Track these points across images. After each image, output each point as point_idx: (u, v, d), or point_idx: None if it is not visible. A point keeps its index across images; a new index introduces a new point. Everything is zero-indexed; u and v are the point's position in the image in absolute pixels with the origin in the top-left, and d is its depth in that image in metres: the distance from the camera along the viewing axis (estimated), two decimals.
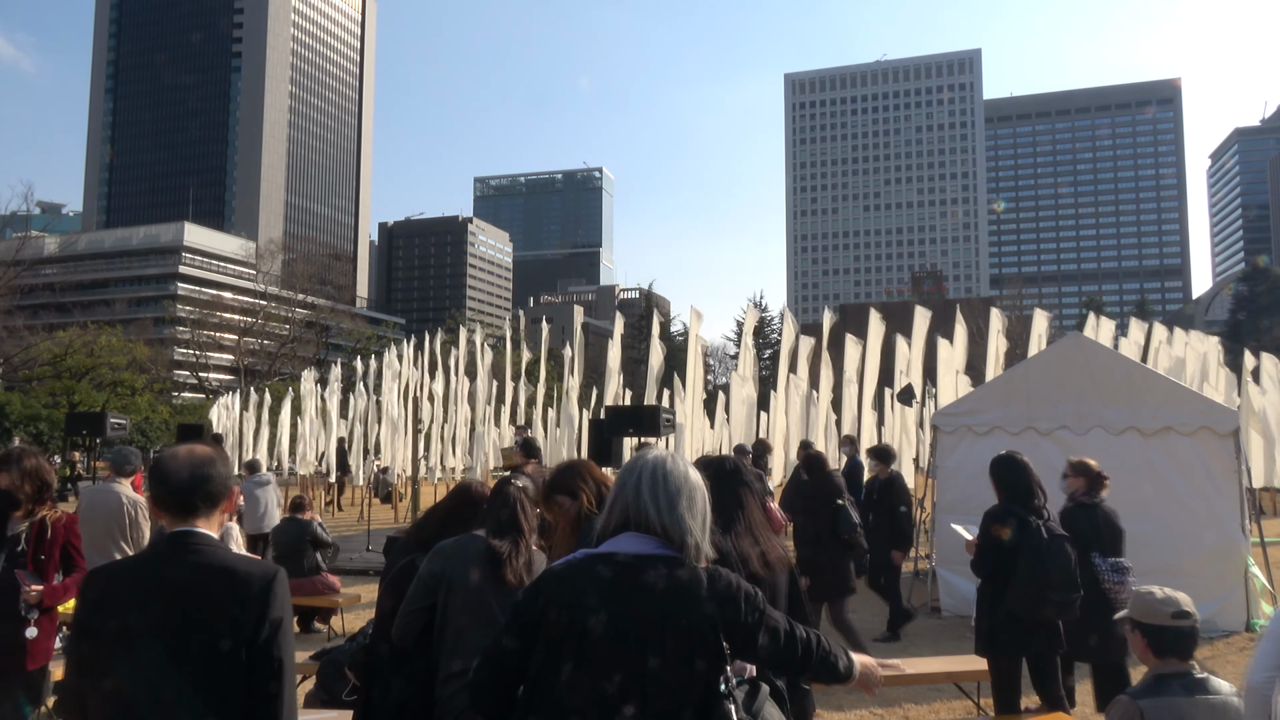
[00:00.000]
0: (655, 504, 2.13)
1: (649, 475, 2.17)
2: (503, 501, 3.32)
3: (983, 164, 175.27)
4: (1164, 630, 3.02)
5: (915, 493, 14.39)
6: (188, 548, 2.16)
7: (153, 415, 47.16)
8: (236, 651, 2.04)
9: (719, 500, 3.54)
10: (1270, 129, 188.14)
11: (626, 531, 2.14)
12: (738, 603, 2.09)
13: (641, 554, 2.09)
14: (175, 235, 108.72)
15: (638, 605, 2.03)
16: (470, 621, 3.09)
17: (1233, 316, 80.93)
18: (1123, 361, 9.86)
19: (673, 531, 2.11)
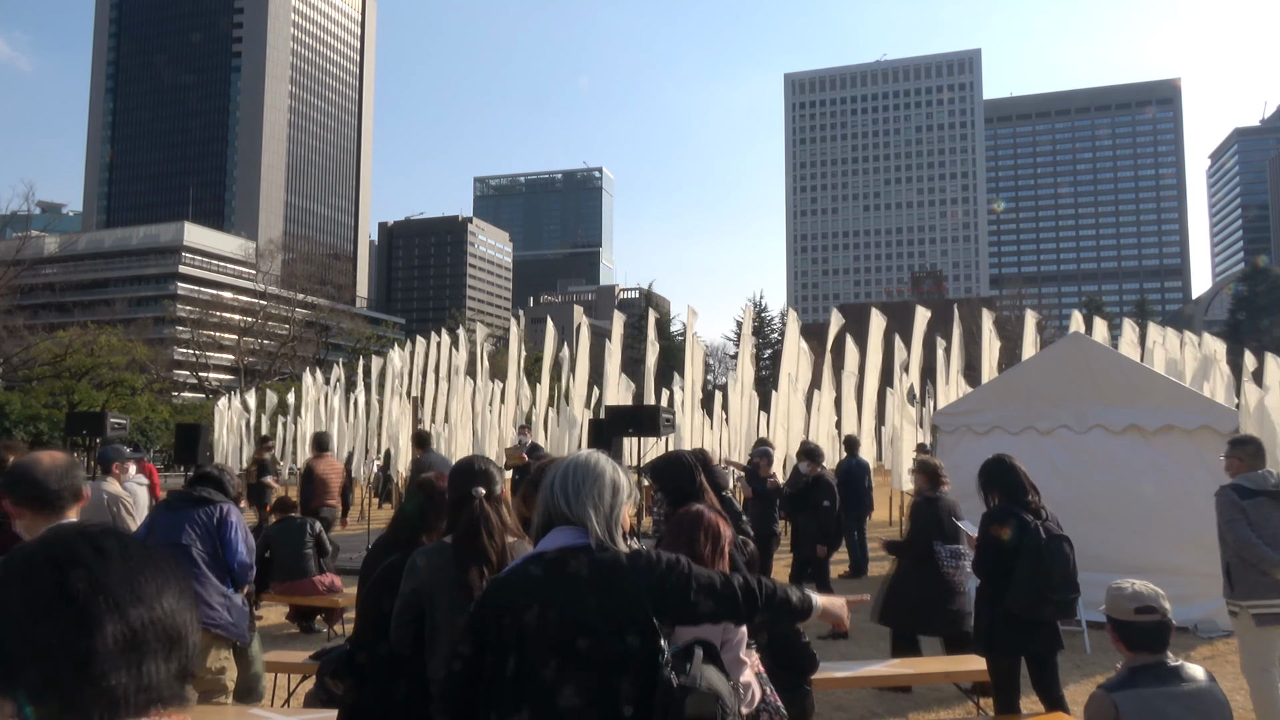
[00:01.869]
0: (566, 498, 2.31)
1: (561, 473, 2.37)
2: (467, 518, 3.15)
3: (982, 164, 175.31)
4: (1131, 625, 3.07)
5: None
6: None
7: (153, 415, 47.16)
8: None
9: (681, 489, 3.92)
10: (1270, 129, 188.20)
11: (553, 528, 2.32)
12: (659, 574, 2.22)
13: (564, 546, 2.25)
14: (175, 235, 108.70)
15: (564, 594, 2.18)
16: (457, 633, 3.08)
17: (1232, 316, 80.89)
18: (1123, 361, 9.85)
19: (590, 522, 2.27)
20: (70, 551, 0.98)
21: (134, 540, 1.03)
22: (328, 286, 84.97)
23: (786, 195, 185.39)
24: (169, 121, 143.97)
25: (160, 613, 0.97)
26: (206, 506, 5.03)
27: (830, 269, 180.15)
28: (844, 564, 12.54)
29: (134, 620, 0.94)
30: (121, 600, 0.94)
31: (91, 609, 0.93)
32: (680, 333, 71.79)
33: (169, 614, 0.98)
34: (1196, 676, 3.05)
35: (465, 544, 3.12)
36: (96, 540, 1.00)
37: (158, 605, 0.97)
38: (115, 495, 6.15)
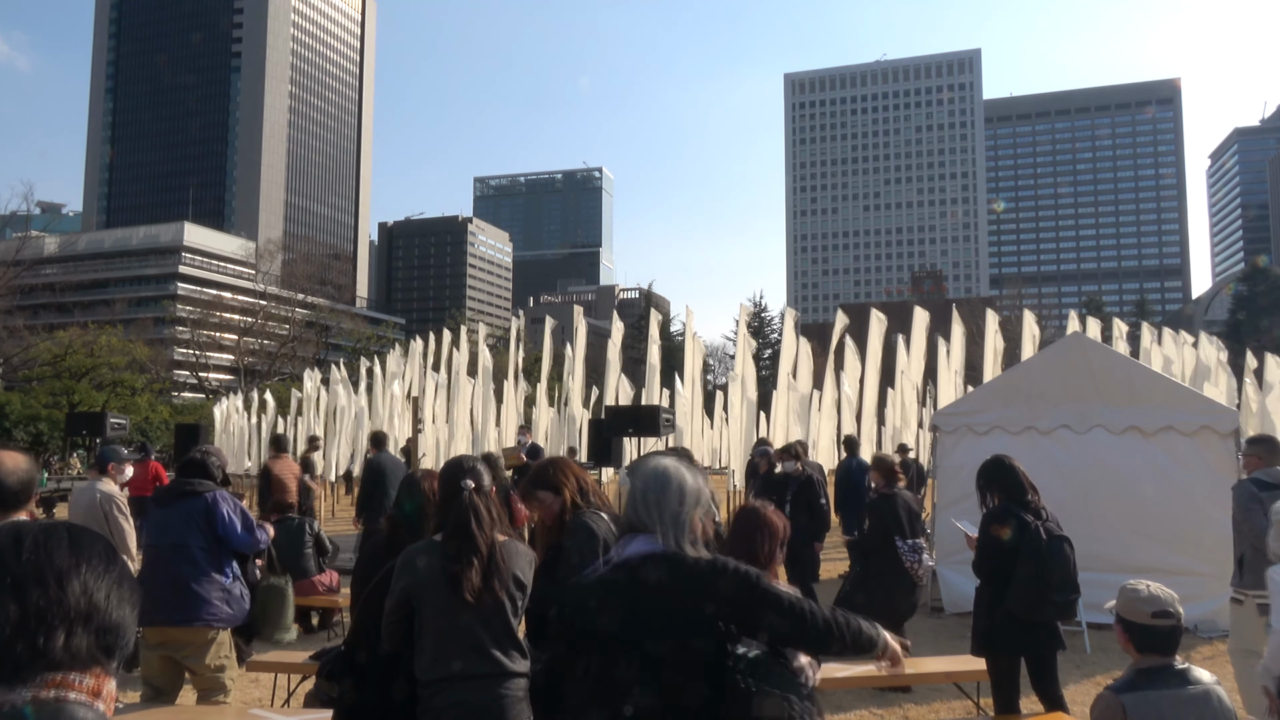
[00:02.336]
0: (642, 507, 2.45)
1: (639, 481, 2.52)
2: (456, 513, 3.17)
3: (982, 164, 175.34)
4: (1145, 628, 3.07)
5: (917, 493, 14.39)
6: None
7: (153, 415, 47.15)
8: None
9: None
10: (1270, 129, 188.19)
11: (632, 534, 2.46)
12: (729, 585, 2.32)
13: (641, 553, 2.38)
14: (175, 235, 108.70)
15: (636, 600, 2.32)
16: (445, 629, 3.09)
17: (1232, 316, 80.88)
18: (1123, 361, 9.86)
19: (658, 529, 2.41)
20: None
21: (58, 527, 1.17)
22: (328, 287, 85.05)
23: (786, 195, 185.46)
24: (169, 121, 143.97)
25: (65, 593, 1.10)
26: (191, 499, 5.01)
27: (830, 269, 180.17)
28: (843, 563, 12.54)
29: (33, 600, 1.08)
30: (22, 584, 1.09)
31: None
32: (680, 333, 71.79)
33: (77, 593, 1.11)
34: (1203, 680, 3.03)
35: (455, 538, 3.12)
36: (18, 532, 1.15)
37: (63, 586, 1.11)
38: (109, 495, 6.18)
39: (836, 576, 12.12)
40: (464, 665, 3.03)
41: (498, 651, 3.05)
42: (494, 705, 3.01)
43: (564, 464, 3.84)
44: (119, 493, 6.28)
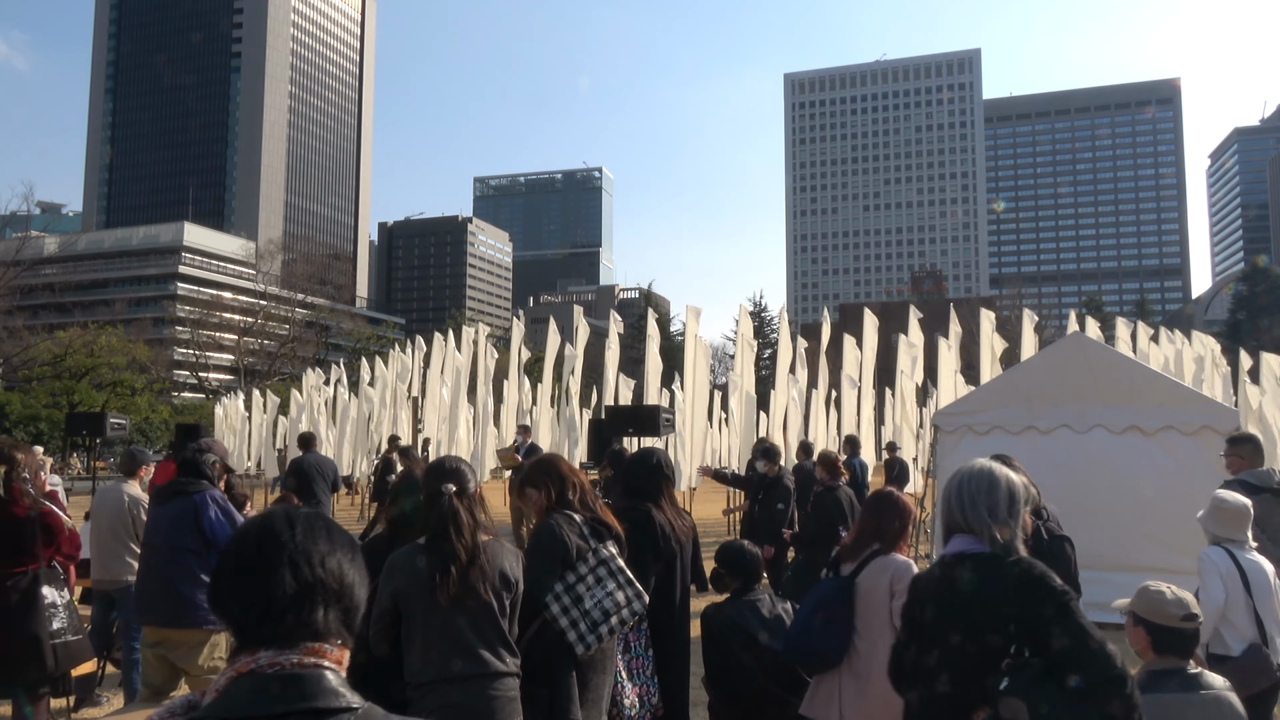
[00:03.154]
0: (960, 509, 2.60)
1: (958, 484, 2.65)
2: (436, 515, 3.16)
3: (982, 164, 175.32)
4: (1170, 630, 3.06)
5: (916, 493, 14.39)
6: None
7: (153, 415, 47.17)
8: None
9: (648, 486, 4.38)
10: (1270, 128, 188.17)
11: (954, 535, 2.62)
12: (1032, 595, 2.43)
13: (957, 551, 2.58)
14: (175, 235, 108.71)
15: (949, 596, 2.53)
16: (433, 631, 3.08)
17: (1232, 316, 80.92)
18: (1123, 361, 9.85)
19: (978, 530, 2.56)
20: (269, 528, 1.34)
21: (319, 517, 1.37)
22: (327, 287, 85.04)
23: (786, 195, 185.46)
24: (169, 121, 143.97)
25: (325, 572, 1.31)
26: (183, 499, 4.99)
27: (830, 269, 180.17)
28: None
29: (304, 577, 1.29)
30: (297, 562, 1.30)
31: (275, 568, 1.29)
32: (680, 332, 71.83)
33: (333, 573, 1.32)
34: (1215, 685, 3.02)
35: (435, 542, 3.11)
36: (291, 517, 1.35)
37: (324, 566, 1.31)
38: (136, 498, 6.19)
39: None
40: (454, 666, 3.03)
41: (487, 652, 3.05)
42: (485, 706, 3.01)
43: (547, 463, 3.84)
44: (144, 496, 6.27)
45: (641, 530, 4.36)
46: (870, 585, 3.65)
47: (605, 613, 3.46)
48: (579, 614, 3.42)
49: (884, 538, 3.73)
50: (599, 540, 3.64)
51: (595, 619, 3.44)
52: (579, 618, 3.42)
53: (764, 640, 3.98)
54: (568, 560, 3.52)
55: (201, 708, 1.26)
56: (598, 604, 3.46)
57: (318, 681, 1.24)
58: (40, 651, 4.47)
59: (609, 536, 3.69)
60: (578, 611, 3.43)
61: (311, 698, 1.22)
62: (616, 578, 3.57)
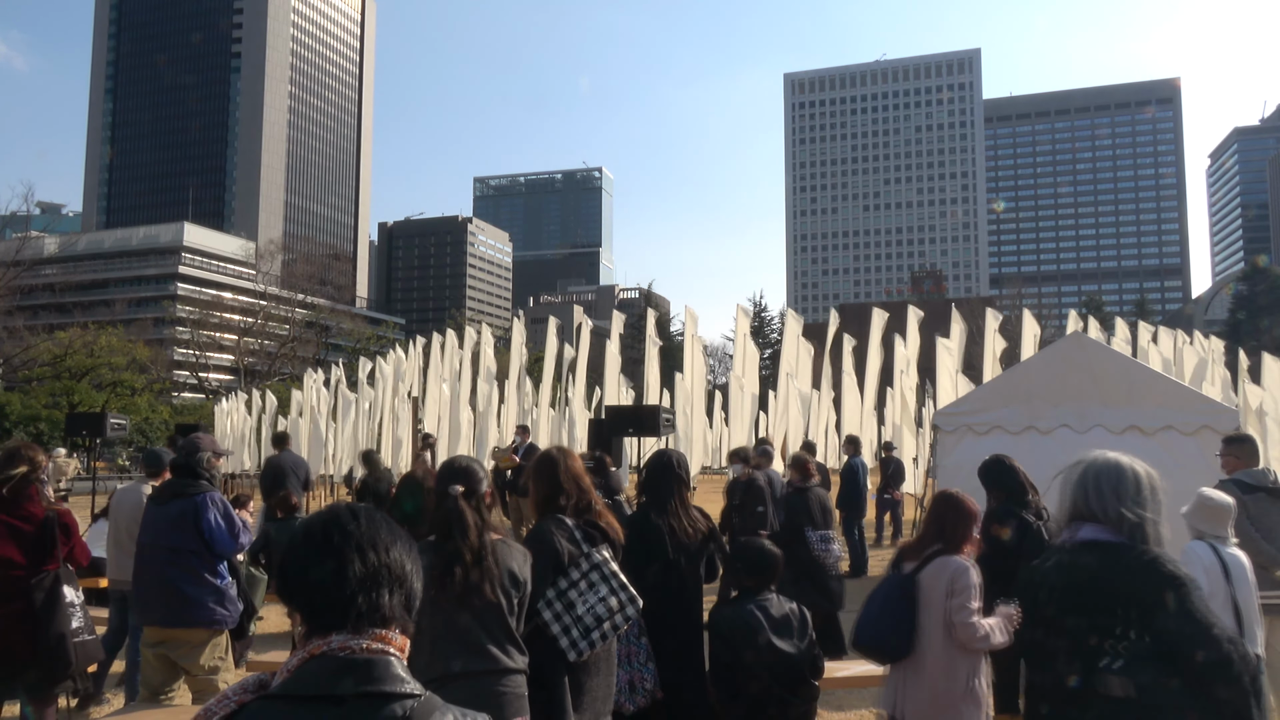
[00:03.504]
0: (1095, 497, 2.76)
1: (1094, 475, 2.86)
2: (441, 515, 3.19)
3: (982, 164, 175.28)
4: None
5: (916, 493, 14.41)
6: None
7: (153, 415, 47.12)
8: None
9: (661, 485, 4.53)
10: (1270, 128, 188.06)
11: (1077, 521, 2.77)
12: (1151, 581, 2.53)
13: (1085, 539, 2.70)
14: (175, 235, 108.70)
15: (1070, 579, 2.65)
16: (441, 629, 3.11)
17: (1232, 316, 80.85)
18: (1123, 361, 9.85)
19: (1109, 518, 2.70)
20: (335, 518, 1.42)
21: (376, 510, 1.45)
22: (327, 287, 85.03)
23: (786, 195, 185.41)
24: (169, 122, 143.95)
25: (389, 559, 1.39)
26: (181, 500, 4.98)
27: (830, 269, 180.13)
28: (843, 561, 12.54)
29: (370, 563, 1.37)
30: (364, 550, 1.37)
31: (344, 556, 1.37)
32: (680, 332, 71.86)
33: (396, 561, 1.40)
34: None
35: (439, 542, 3.14)
36: (354, 510, 1.44)
37: (388, 554, 1.39)
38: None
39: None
40: (461, 664, 3.05)
41: (495, 648, 3.08)
42: (491, 702, 3.02)
43: (543, 463, 3.83)
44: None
45: (636, 533, 4.39)
46: (930, 584, 3.86)
47: (598, 618, 3.46)
48: (571, 620, 3.43)
49: (947, 539, 3.95)
50: (592, 544, 3.63)
51: (588, 625, 3.44)
52: (571, 624, 3.43)
53: (771, 640, 3.99)
54: (559, 566, 3.52)
55: (273, 687, 1.33)
56: (590, 609, 3.46)
57: (386, 667, 1.31)
58: (66, 649, 4.52)
59: (602, 540, 3.67)
60: (570, 618, 3.43)
61: (379, 681, 1.29)
62: (609, 582, 3.56)
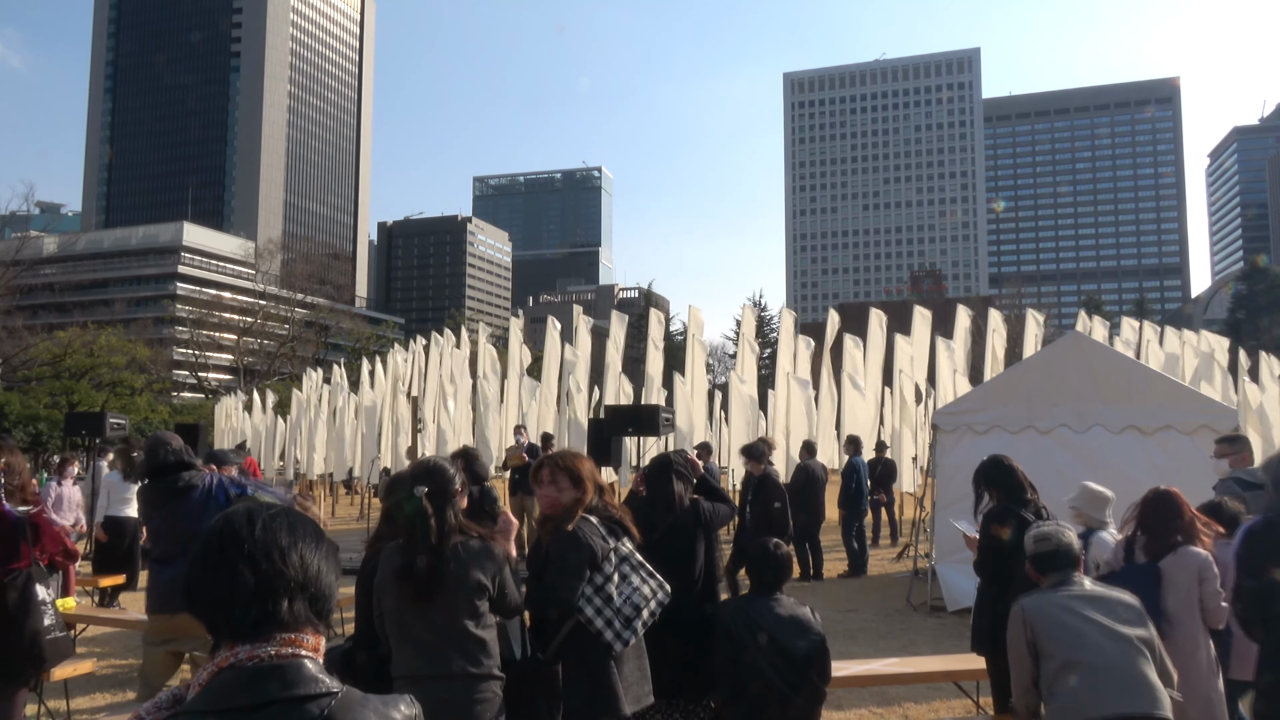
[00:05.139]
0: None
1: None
2: (404, 517, 3.20)
3: (981, 163, 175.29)
4: (1034, 556, 3.73)
5: (916, 492, 14.42)
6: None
7: (152, 415, 47.08)
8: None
9: (661, 478, 4.83)
10: (1269, 128, 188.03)
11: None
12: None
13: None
14: (174, 235, 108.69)
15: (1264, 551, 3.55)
16: (403, 630, 3.15)
17: (1231, 315, 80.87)
18: (1122, 360, 9.87)
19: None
20: (229, 528, 1.39)
21: (282, 512, 1.41)
22: (327, 286, 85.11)
23: (786, 194, 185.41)
24: (168, 121, 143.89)
25: (287, 564, 1.36)
26: (194, 490, 4.98)
27: (830, 268, 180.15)
28: (843, 562, 12.56)
29: (265, 572, 1.34)
30: (257, 559, 1.35)
31: (236, 567, 1.34)
32: (680, 332, 71.88)
33: (296, 565, 1.37)
34: (1101, 585, 3.67)
35: (403, 544, 3.18)
36: (251, 515, 1.40)
37: (285, 559, 1.36)
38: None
39: (836, 576, 12.14)
40: (423, 665, 3.09)
41: (455, 652, 3.09)
42: (453, 706, 3.04)
43: (581, 464, 3.87)
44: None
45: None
46: (1174, 572, 4.29)
47: (636, 607, 3.61)
48: (612, 613, 3.56)
49: (1182, 532, 4.40)
50: (616, 539, 3.73)
51: (628, 615, 3.59)
52: (612, 616, 3.56)
53: (773, 639, 4.01)
54: (594, 563, 3.61)
55: (186, 703, 1.32)
56: (627, 600, 3.61)
57: (297, 670, 1.30)
58: (40, 647, 4.53)
59: (624, 534, 3.78)
60: (610, 611, 3.56)
61: (292, 686, 1.28)
62: (639, 572, 3.72)
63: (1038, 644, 3.52)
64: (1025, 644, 3.55)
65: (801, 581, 11.13)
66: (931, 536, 10.10)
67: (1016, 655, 3.62)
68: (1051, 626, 3.50)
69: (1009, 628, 3.65)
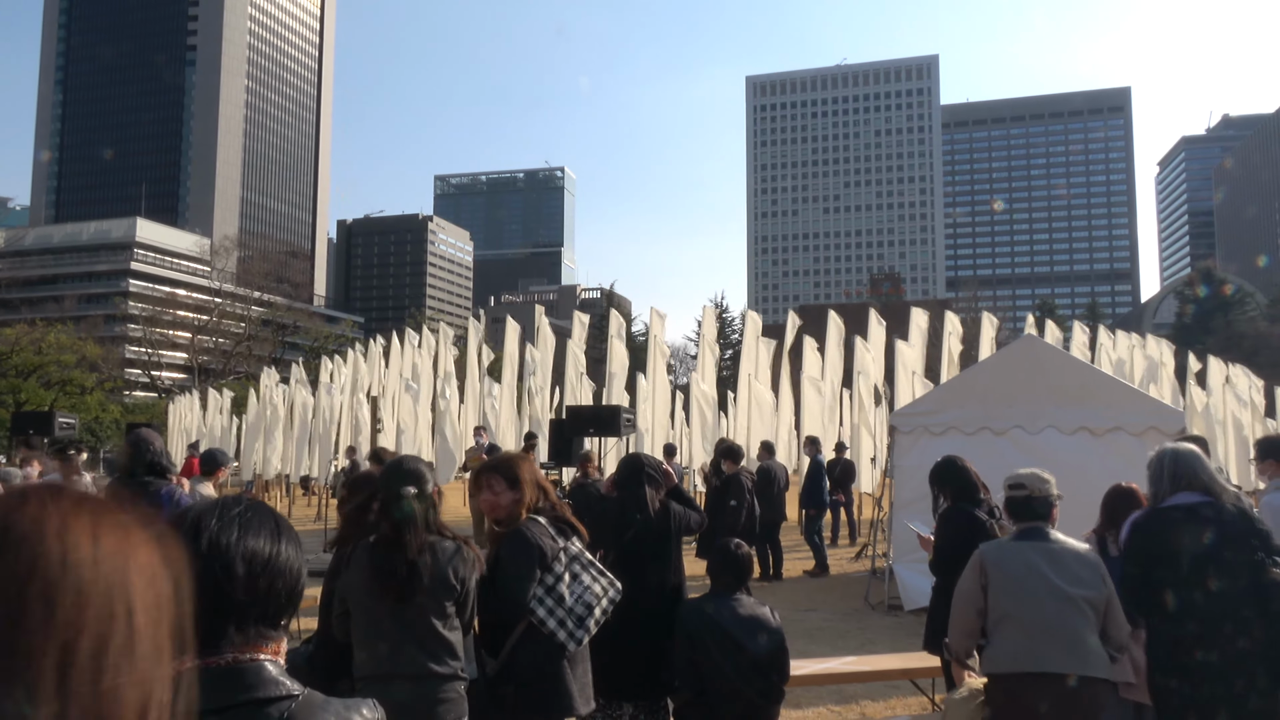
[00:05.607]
0: (1181, 473, 3.67)
1: (1172, 458, 3.73)
2: (391, 517, 3.19)
3: (940, 168, 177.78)
4: (1007, 500, 3.85)
5: (874, 492, 14.60)
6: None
7: (103, 415, 46.14)
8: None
9: (633, 481, 4.87)
10: (1215, 138, 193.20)
11: (1180, 491, 3.64)
12: (1260, 533, 3.57)
13: (1194, 502, 3.61)
14: (127, 231, 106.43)
15: (1192, 531, 3.55)
16: (372, 629, 3.14)
17: (1179, 320, 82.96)
18: (1074, 363, 10.09)
19: (1205, 488, 3.63)
20: (183, 525, 1.35)
21: (237, 516, 1.36)
22: (285, 284, 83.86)
23: (748, 196, 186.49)
24: (121, 115, 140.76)
25: (242, 575, 1.32)
26: (153, 498, 4.85)
27: (791, 270, 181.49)
28: (804, 561, 12.68)
29: (211, 590, 1.28)
30: (202, 571, 1.27)
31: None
32: (642, 333, 71.89)
33: (247, 576, 1.33)
34: (1067, 542, 3.70)
35: (388, 540, 3.15)
36: (200, 525, 1.35)
37: (233, 574, 1.32)
38: (207, 498, 6.24)
39: (801, 574, 12.26)
40: (390, 665, 3.08)
41: (422, 653, 3.09)
42: (419, 705, 3.04)
43: (517, 466, 3.88)
44: (213, 494, 6.46)
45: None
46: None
47: (588, 606, 3.60)
48: (564, 613, 3.54)
49: (1108, 522, 4.83)
50: (565, 538, 3.72)
51: (580, 614, 3.57)
52: (565, 616, 3.54)
53: (735, 639, 4.04)
54: (544, 563, 3.59)
55: None
56: (579, 599, 3.59)
57: (256, 673, 1.29)
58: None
59: (572, 533, 3.77)
60: (563, 610, 3.54)
61: (251, 689, 1.27)
62: (589, 570, 3.70)
63: (988, 591, 3.66)
64: (979, 586, 3.69)
65: (761, 581, 11.22)
66: (889, 536, 10.24)
67: (964, 592, 3.74)
68: (1003, 577, 3.62)
69: (965, 570, 3.78)
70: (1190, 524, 3.56)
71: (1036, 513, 3.76)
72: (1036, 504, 3.76)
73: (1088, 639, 3.52)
